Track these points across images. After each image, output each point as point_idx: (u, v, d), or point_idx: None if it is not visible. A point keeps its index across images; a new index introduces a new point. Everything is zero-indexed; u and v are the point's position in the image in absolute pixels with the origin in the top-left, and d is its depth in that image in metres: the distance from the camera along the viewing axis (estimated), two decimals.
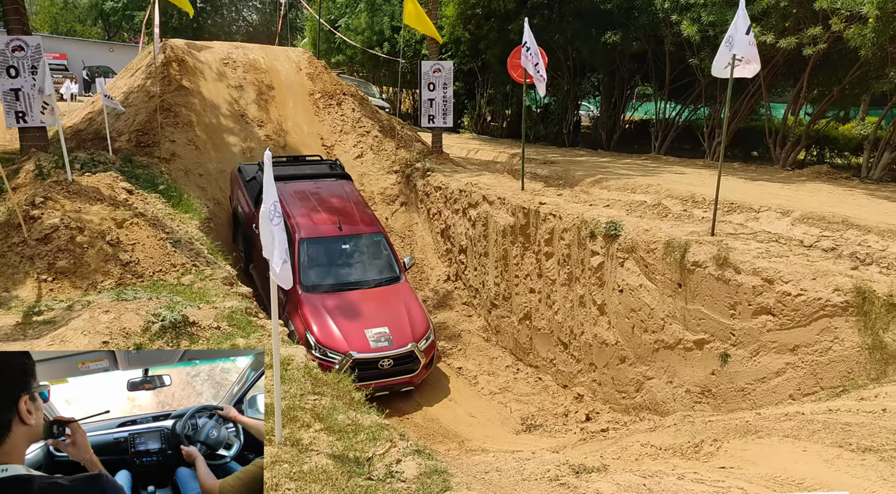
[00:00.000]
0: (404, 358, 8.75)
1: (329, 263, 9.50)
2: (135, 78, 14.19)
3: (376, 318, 8.88)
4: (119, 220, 6.74)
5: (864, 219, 8.03)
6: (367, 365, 8.43)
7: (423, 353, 8.89)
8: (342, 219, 9.81)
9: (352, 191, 11.03)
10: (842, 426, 3.89)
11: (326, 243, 9.58)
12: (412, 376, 8.92)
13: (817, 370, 6.40)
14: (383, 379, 8.61)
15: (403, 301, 9.33)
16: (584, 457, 4.72)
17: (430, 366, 9.30)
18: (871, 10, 9.61)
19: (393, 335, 8.73)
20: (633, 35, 15.36)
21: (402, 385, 8.92)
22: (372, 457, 3.51)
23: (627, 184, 11.10)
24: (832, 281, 6.38)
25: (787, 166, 13.31)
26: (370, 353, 8.49)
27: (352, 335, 8.54)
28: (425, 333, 9.04)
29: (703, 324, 7.67)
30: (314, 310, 8.74)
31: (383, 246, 9.99)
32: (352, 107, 14.78)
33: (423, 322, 9.21)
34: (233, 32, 41.81)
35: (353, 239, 9.80)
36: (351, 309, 8.92)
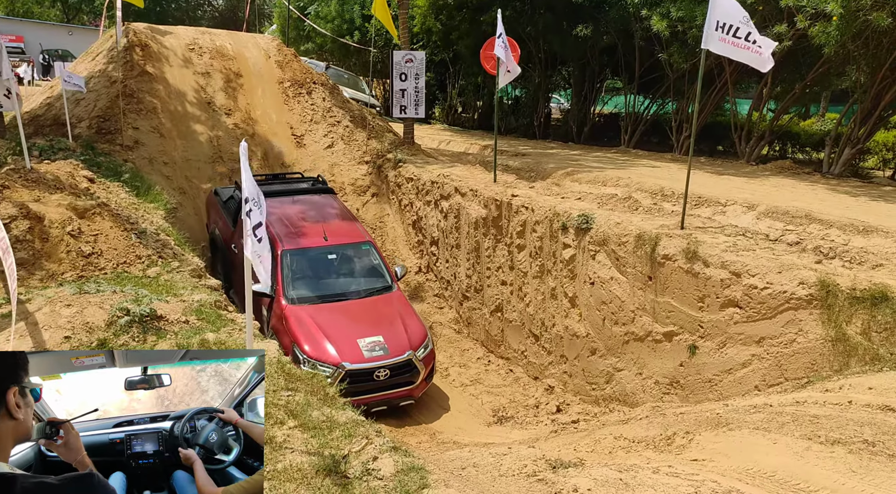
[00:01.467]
0: (402, 368, 8.14)
1: (315, 275, 8.96)
2: (95, 62, 13.76)
3: (369, 328, 8.30)
4: (80, 210, 6.52)
5: (827, 213, 8.22)
6: (361, 377, 7.84)
7: (421, 363, 8.31)
8: (327, 230, 9.37)
9: (336, 204, 10.61)
10: (810, 418, 3.97)
11: (311, 254, 9.06)
12: (411, 388, 8.30)
13: (782, 361, 6.54)
14: (380, 393, 8.00)
15: (397, 309, 8.80)
16: (559, 451, 4.75)
17: (429, 379, 8.71)
18: (836, 9, 9.81)
19: (388, 344, 8.13)
20: (604, 29, 15.44)
21: (401, 398, 8.27)
22: (348, 455, 3.47)
23: (598, 177, 11.17)
24: (797, 274, 6.51)
25: (751, 161, 13.56)
26: (365, 363, 7.87)
27: (343, 345, 7.94)
28: (423, 342, 8.48)
29: (672, 317, 7.78)
30: (300, 323, 8.16)
31: (372, 255, 9.50)
32: (322, 97, 14.58)
33: (421, 330, 8.68)
34: (198, 17, 40.81)
35: (340, 248, 9.29)
36: (341, 319, 8.36)
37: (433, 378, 8.89)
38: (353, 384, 7.62)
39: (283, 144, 13.66)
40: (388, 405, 8.05)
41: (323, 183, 11.20)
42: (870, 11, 9.77)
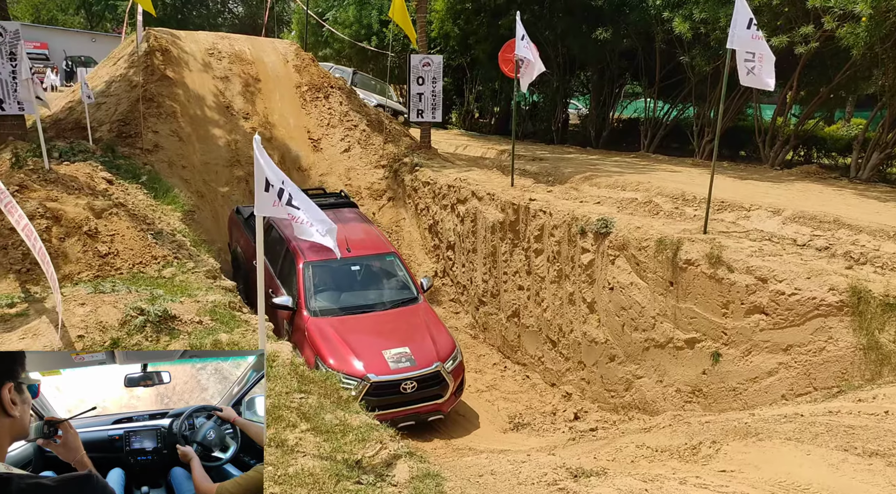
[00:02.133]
0: (430, 380, 7.76)
1: (338, 287, 8.69)
2: (117, 67, 13.87)
3: (395, 339, 7.97)
4: (98, 210, 6.50)
5: (856, 218, 7.99)
6: (387, 390, 7.52)
7: (450, 376, 7.91)
8: (350, 241, 8.97)
9: (359, 216, 10.37)
10: (845, 429, 3.79)
11: (334, 266, 8.74)
12: (440, 403, 7.90)
13: (811, 370, 6.33)
14: (407, 407, 7.67)
15: (424, 321, 8.47)
16: (579, 459, 4.59)
17: (459, 393, 8.32)
18: (865, 9, 9.57)
19: (415, 355, 7.78)
20: (624, 32, 15.27)
21: (429, 413, 7.87)
22: (361, 459, 3.35)
23: (618, 182, 11.01)
24: (827, 280, 6.31)
25: (775, 166, 13.30)
26: (391, 375, 7.53)
27: (368, 357, 7.63)
28: (452, 353, 8.10)
29: (694, 323, 7.58)
30: (323, 335, 7.87)
31: (397, 266, 9.21)
32: (339, 101, 14.56)
33: (449, 342, 8.32)
34: (218, 24, 41.26)
35: (363, 260, 9.02)
36: (365, 331, 8.08)
37: (463, 392, 8.51)
38: (379, 397, 7.39)
39: (300, 148, 13.65)
40: (415, 420, 7.72)
41: (346, 197, 10.99)
42: None
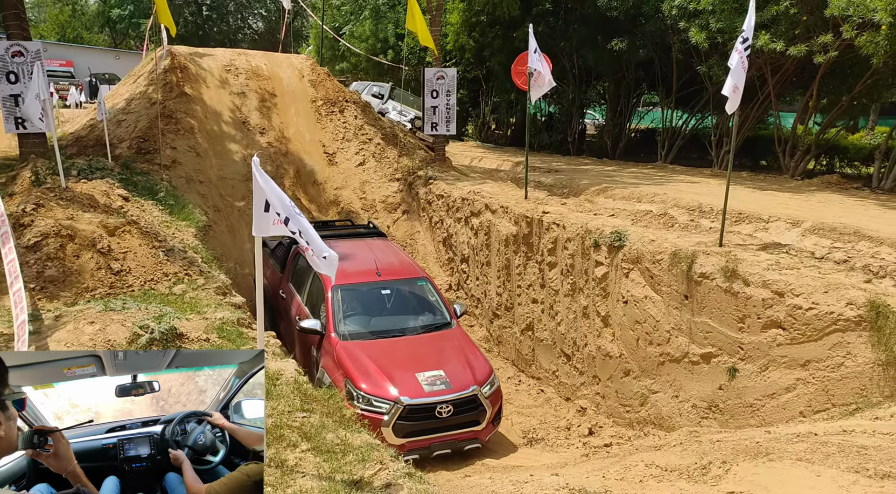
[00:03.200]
0: (466, 404, 7.36)
1: (368, 311, 8.42)
2: (137, 84, 14.13)
3: (429, 362, 7.62)
4: (111, 228, 6.59)
5: (877, 230, 7.81)
6: (421, 414, 7.14)
7: (487, 401, 7.51)
8: (380, 266, 8.86)
9: (388, 244, 10.22)
10: (858, 449, 3.68)
11: (364, 289, 8.53)
12: (478, 430, 7.45)
13: (829, 386, 6.17)
14: (442, 433, 7.25)
15: (458, 345, 8.13)
16: (587, 477, 4.52)
17: (497, 421, 7.88)
18: (885, 18, 9.41)
19: (450, 378, 7.41)
20: (640, 42, 15.21)
21: (466, 441, 7.41)
22: (360, 480, 3.32)
23: (633, 194, 10.90)
24: (845, 294, 6.16)
25: (796, 175, 13.09)
26: (425, 398, 7.15)
27: (401, 379, 7.28)
28: (489, 378, 7.73)
29: (710, 337, 7.45)
30: (353, 358, 7.54)
31: (429, 290, 8.92)
32: (354, 115, 14.66)
33: (486, 366, 7.95)
34: (238, 40, 41.90)
35: (394, 284, 8.74)
36: (397, 354, 7.77)
37: (501, 421, 8.11)
38: (413, 421, 7.09)
39: (315, 162, 13.75)
40: (451, 448, 7.30)
41: (375, 228, 10.88)
42: None
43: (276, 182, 14.07)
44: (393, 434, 7.03)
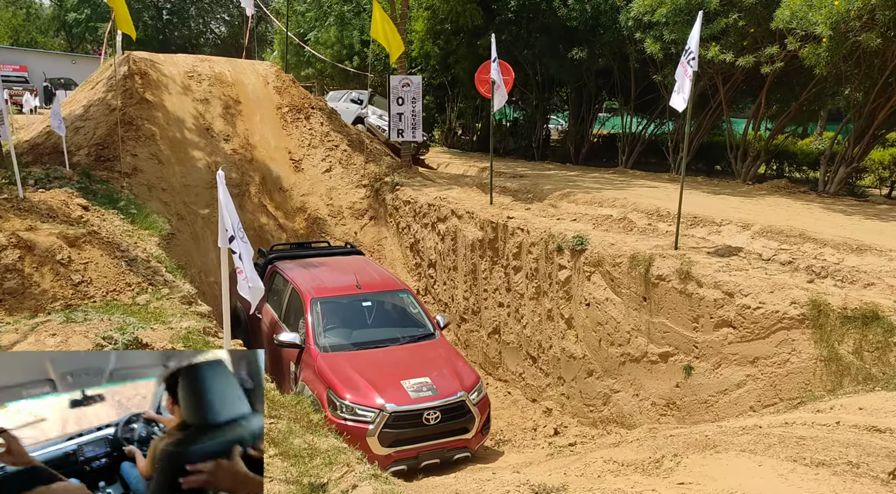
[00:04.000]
0: (454, 411, 7.20)
1: (349, 323, 8.24)
2: (95, 90, 13.94)
3: (413, 370, 7.44)
4: (71, 238, 6.55)
5: (821, 232, 8.20)
6: (408, 421, 6.95)
7: (476, 409, 7.38)
8: (360, 280, 8.74)
9: (367, 260, 10.17)
10: (796, 440, 3.93)
11: (343, 302, 8.37)
12: (467, 438, 7.31)
13: (776, 381, 6.49)
14: (431, 442, 7.07)
15: (443, 354, 8.00)
16: (549, 475, 4.70)
17: (486, 430, 7.74)
18: (825, 31, 9.88)
19: (437, 384, 7.26)
20: (599, 51, 15.59)
21: (455, 450, 7.22)
22: (327, 483, 3.43)
23: (595, 198, 11.20)
24: (789, 294, 6.49)
25: (747, 180, 13.57)
26: (411, 404, 6.96)
27: (386, 387, 7.10)
28: (476, 384, 7.60)
29: (667, 337, 7.74)
30: (335, 368, 7.35)
31: (410, 303, 8.83)
32: (320, 121, 14.71)
33: (472, 373, 7.85)
34: (200, 45, 41.38)
35: (375, 296, 8.60)
36: (381, 364, 7.57)
37: (490, 430, 8.02)
38: (399, 429, 6.89)
39: (281, 169, 13.76)
40: (440, 457, 7.09)
41: (352, 246, 10.81)
42: (859, 33, 9.85)
43: (242, 189, 13.99)
44: (379, 443, 6.83)
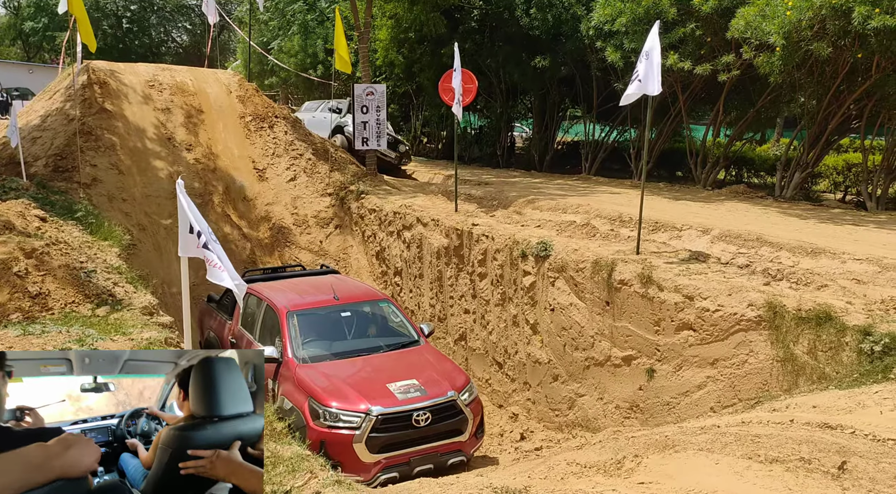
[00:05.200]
0: (445, 411, 6.92)
1: (328, 334, 7.96)
2: (53, 100, 13.67)
3: (399, 374, 7.18)
4: (28, 250, 6.41)
5: (777, 236, 8.43)
6: (397, 424, 6.66)
7: (468, 409, 7.12)
8: (338, 291, 8.47)
9: (344, 277, 9.97)
10: (752, 438, 4.03)
11: (321, 313, 8.10)
12: (462, 441, 7.03)
13: (735, 382, 6.65)
14: (423, 445, 6.76)
15: (429, 359, 7.77)
16: (513, 478, 4.73)
17: (480, 433, 7.47)
18: (778, 40, 10.20)
19: (425, 385, 7.00)
20: (562, 60, 15.82)
21: (449, 453, 6.91)
22: (290, 490, 3.42)
23: (559, 205, 11.33)
24: (746, 296, 6.66)
25: (707, 186, 13.89)
26: (399, 406, 6.68)
27: (371, 390, 6.82)
28: (466, 384, 7.36)
29: (630, 341, 7.87)
30: (315, 377, 7.05)
31: (392, 312, 8.63)
32: (284, 130, 14.63)
33: (461, 374, 7.63)
34: (161, 54, 40.79)
35: (354, 306, 8.36)
36: (364, 370, 7.32)
37: (484, 434, 7.76)
38: (388, 432, 6.59)
39: (245, 178, 13.64)
40: (434, 462, 6.78)
41: (327, 267, 10.60)
42: (811, 42, 10.19)
43: (205, 199, 13.85)
44: (367, 449, 6.54)
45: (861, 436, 3.95)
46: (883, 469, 3.51)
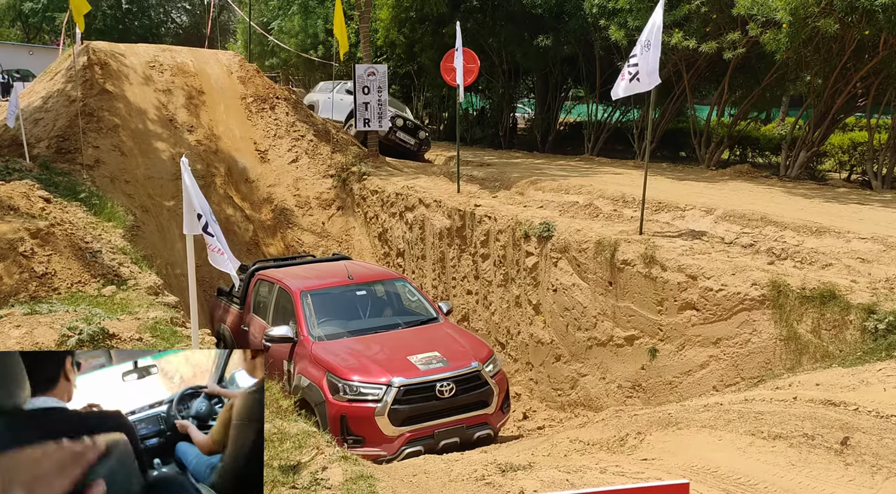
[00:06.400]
0: (470, 382, 6.67)
1: (344, 313, 7.76)
2: (54, 82, 13.61)
3: (420, 347, 6.96)
4: (33, 231, 6.42)
5: (782, 215, 8.41)
6: (420, 395, 6.40)
7: (493, 381, 6.87)
8: (351, 272, 8.31)
9: (357, 262, 9.87)
10: (755, 415, 4.06)
11: (335, 292, 7.90)
12: (488, 413, 6.78)
13: (738, 361, 6.67)
14: (448, 418, 6.50)
15: (450, 333, 7.55)
16: (517, 456, 4.78)
17: (506, 408, 7.22)
18: (785, 16, 10.09)
19: (447, 357, 6.76)
20: (564, 39, 15.67)
21: (475, 426, 6.63)
22: (297, 466, 3.46)
23: (561, 186, 11.30)
24: (750, 275, 6.66)
25: (711, 166, 13.83)
26: (422, 377, 6.44)
27: (392, 362, 6.62)
28: (490, 356, 7.13)
29: (632, 321, 7.89)
30: (333, 352, 6.85)
31: (409, 291, 8.38)
32: (285, 112, 14.56)
33: (484, 346, 7.43)
34: (161, 34, 40.50)
35: (369, 285, 8.16)
36: (383, 345, 7.14)
37: (510, 409, 7.52)
38: (411, 404, 6.34)
39: (247, 160, 13.60)
40: (460, 436, 6.50)
41: (338, 254, 10.43)
42: (818, 18, 10.08)
43: (208, 180, 13.82)
44: (389, 422, 6.28)
45: (864, 413, 3.97)
46: (886, 445, 3.53)
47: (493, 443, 6.65)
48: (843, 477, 3.31)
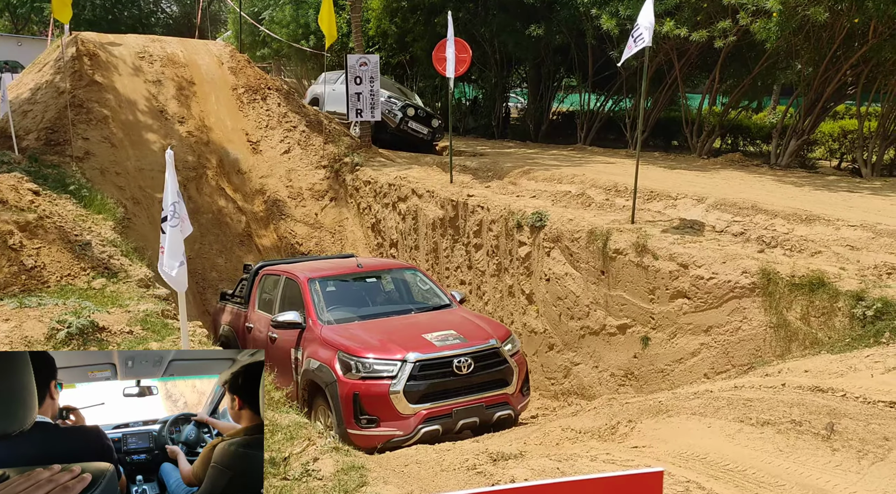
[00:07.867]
0: (488, 358, 6.41)
1: (354, 300, 7.56)
2: (42, 73, 13.48)
3: (435, 326, 6.73)
4: (22, 223, 6.38)
5: (772, 203, 8.45)
6: (437, 370, 6.15)
7: (513, 360, 6.63)
8: (361, 262, 8.19)
9: (365, 257, 9.81)
10: (744, 401, 4.10)
11: (344, 281, 7.74)
12: (508, 393, 6.49)
13: (729, 349, 6.72)
14: (467, 397, 6.23)
15: (465, 315, 7.34)
16: (509, 445, 4.81)
17: (526, 390, 6.96)
18: (775, 6, 10.10)
19: (464, 334, 6.54)
20: (556, 28, 15.62)
21: (495, 406, 6.35)
22: (288, 457, 3.47)
23: (554, 175, 11.31)
24: (740, 264, 6.70)
25: (703, 154, 13.85)
26: (438, 352, 6.20)
27: (406, 339, 6.38)
28: (508, 336, 6.92)
29: (625, 309, 7.93)
30: (343, 335, 6.63)
31: (420, 280, 8.15)
32: (277, 102, 14.48)
33: (501, 327, 7.26)
34: (151, 25, 40.07)
35: (380, 274, 8.04)
36: (396, 326, 6.91)
37: (530, 393, 7.28)
38: (427, 380, 6.07)
39: (239, 151, 13.54)
40: (479, 416, 6.24)
41: (348, 253, 10.38)
42: (808, 7, 10.08)
43: (200, 172, 13.72)
44: (405, 400, 6.01)
45: (852, 399, 4.01)
46: (872, 431, 3.57)
47: (514, 426, 6.47)
48: (830, 463, 3.35)
